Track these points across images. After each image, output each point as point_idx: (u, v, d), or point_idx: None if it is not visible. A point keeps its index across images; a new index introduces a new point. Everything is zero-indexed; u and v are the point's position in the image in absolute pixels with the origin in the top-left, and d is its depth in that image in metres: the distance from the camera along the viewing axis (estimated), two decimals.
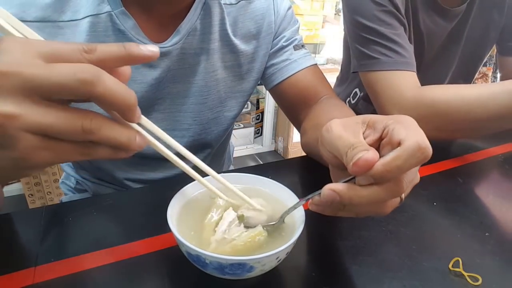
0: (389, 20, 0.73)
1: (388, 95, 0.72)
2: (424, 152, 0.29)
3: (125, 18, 0.51)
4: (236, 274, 0.33)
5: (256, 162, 2.46)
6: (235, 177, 0.45)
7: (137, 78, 0.54)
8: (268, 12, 0.63)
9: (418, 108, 0.68)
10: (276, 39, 0.66)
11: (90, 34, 0.49)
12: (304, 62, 0.66)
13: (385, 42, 0.72)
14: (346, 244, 0.44)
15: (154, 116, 0.60)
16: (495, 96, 0.62)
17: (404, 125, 0.31)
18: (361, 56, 0.75)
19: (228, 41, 0.60)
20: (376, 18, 0.72)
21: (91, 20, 0.49)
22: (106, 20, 0.50)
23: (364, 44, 0.74)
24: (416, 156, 0.28)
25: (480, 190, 0.59)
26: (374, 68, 0.73)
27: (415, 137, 0.29)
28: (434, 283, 0.39)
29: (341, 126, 0.33)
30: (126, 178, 0.66)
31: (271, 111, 2.46)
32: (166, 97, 0.59)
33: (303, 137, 0.64)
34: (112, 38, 0.51)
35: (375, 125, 0.33)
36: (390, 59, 0.72)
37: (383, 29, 0.72)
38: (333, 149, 0.33)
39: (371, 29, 0.73)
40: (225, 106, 0.65)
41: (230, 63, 0.62)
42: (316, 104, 0.66)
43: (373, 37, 0.73)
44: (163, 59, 0.55)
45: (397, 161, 0.28)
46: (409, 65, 0.72)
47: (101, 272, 0.39)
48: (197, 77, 0.59)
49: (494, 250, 0.45)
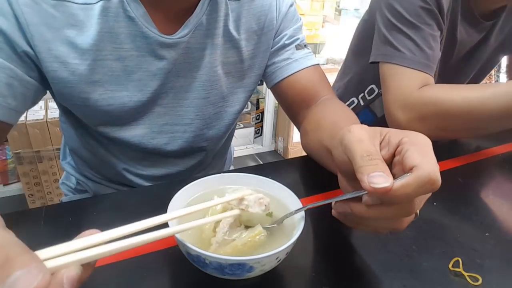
0: (429, 20, 0.72)
1: (396, 92, 0.72)
2: (434, 184, 0.30)
3: (136, 6, 0.51)
4: (236, 274, 0.33)
5: (256, 162, 2.46)
6: (235, 177, 0.45)
7: (142, 66, 0.55)
8: (270, 9, 0.63)
9: (420, 107, 0.68)
10: (277, 36, 0.66)
11: (101, 18, 0.50)
12: (305, 62, 0.66)
13: (417, 39, 0.71)
14: (346, 244, 0.44)
15: (157, 110, 0.60)
16: (496, 96, 0.62)
17: (418, 149, 0.32)
18: (386, 45, 0.74)
19: (230, 36, 0.60)
20: (418, 13, 0.71)
21: (103, 5, 0.50)
22: (118, 6, 0.50)
23: (395, 34, 0.73)
24: (425, 187, 0.30)
25: (480, 190, 0.59)
26: (395, 61, 0.72)
27: (427, 168, 0.30)
28: (434, 283, 0.39)
29: (363, 130, 0.34)
30: (128, 171, 0.66)
31: (271, 111, 2.46)
32: (169, 91, 0.59)
33: (304, 137, 0.64)
34: (122, 23, 0.51)
35: (390, 139, 0.34)
36: (414, 57, 0.71)
37: (422, 26, 0.71)
38: (349, 151, 0.33)
39: (408, 22, 0.71)
40: (227, 101, 0.65)
41: (232, 59, 0.62)
42: (316, 104, 0.66)
43: (407, 30, 0.71)
44: (169, 50, 0.55)
45: (406, 189, 0.29)
46: (429, 68, 0.71)
47: (101, 272, 0.39)
48: (200, 71, 0.60)
49: (494, 250, 0.45)
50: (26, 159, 1.62)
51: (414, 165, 0.30)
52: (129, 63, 0.54)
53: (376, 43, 0.78)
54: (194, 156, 0.69)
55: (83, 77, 0.52)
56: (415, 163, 0.30)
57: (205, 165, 0.74)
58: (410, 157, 0.31)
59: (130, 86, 0.55)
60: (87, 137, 0.64)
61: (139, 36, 0.53)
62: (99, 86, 0.54)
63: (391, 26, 0.73)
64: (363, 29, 0.92)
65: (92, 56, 0.52)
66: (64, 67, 0.51)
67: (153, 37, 0.53)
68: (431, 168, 0.30)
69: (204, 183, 0.43)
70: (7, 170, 1.83)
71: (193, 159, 0.70)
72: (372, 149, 0.32)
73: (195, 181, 0.42)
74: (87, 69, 0.52)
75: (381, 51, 0.75)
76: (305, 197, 0.52)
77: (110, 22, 0.51)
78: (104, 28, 0.51)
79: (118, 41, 0.52)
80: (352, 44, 1.00)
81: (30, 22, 0.47)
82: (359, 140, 0.33)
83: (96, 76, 0.53)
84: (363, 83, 0.96)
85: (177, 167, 0.68)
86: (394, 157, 0.34)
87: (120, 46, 0.53)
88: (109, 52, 0.52)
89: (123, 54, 0.53)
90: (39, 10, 0.47)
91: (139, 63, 0.55)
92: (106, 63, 0.53)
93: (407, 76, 0.71)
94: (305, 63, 0.66)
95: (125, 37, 0.52)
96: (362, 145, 0.32)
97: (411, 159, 0.31)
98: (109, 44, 0.52)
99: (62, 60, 0.51)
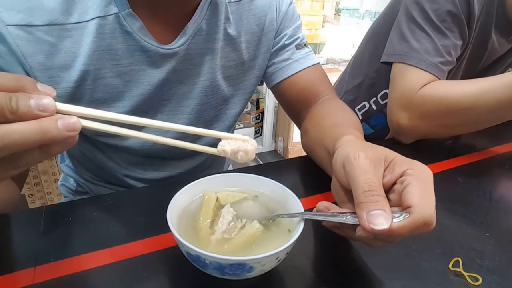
0: (453, 27, 0.70)
1: (399, 92, 0.71)
2: (428, 227, 0.31)
3: (132, 20, 0.50)
4: (236, 274, 0.33)
5: (256, 162, 2.46)
6: (235, 177, 0.45)
7: (143, 80, 0.54)
8: (270, 9, 0.63)
9: (421, 106, 0.68)
10: (278, 36, 0.65)
11: (97, 36, 0.49)
12: (305, 62, 0.66)
13: (438, 42, 0.69)
14: (346, 244, 0.44)
15: (159, 117, 0.59)
16: (494, 88, 0.62)
17: (419, 186, 0.32)
18: (403, 43, 0.72)
19: (231, 40, 0.60)
20: (444, 18, 0.69)
21: (98, 22, 0.49)
22: (114, 22, 0.49)
23: (416, 32, 0.71)
24: (420, 229, 0.31)
25: (480, 190, 0.59)
26: (409, 61, 0.71)
27: (425, 212, 0.31)
28: (434, 283, 0.39)
29: (368, 161, 0.34)
30: (128, 177, 0.66)
31: (271, 111, 2.46)
32: (171, 98, 0.59)
33: (304, 137, 0.64)
34: (119, 39, 0.50)
35: (395, 168, 0.34)
36: (429, 59, 0.69)
37: (446, 31, 0.69)
38: (352, 179, 0.34)
39: (433, 24, 0.70)
40: (228, 103, 0.65)
41: (233, 62, 0.62)
42: (317, 104, 0.66)
43: (430, 31, 0.70)
44: (169, 60, 0.54)
45: (402, 230, 0.30)
46: (441, 73, 0.70)
47: (101, 272, 0.39)
48: (201, 77, 0.59)
49: (494, 250, 0.45)
50: None
51: (413, 205, 0.31)
52: (129, 78, 0.53)
53: (392, 41, 0.76)
54: (194, 158, 0.69)
55: (84, 97, 0.52)
56: (414, 203, 0.31)
57: (205, 167, 0.74)
58: (410, 193, 0.32)
59: (132, 99, 0.55)
60: (86, 143, 0.63)
61: (138, 50, 0.52)
62: (100, 104, 0.53)
63: (414, 23, 0.71)
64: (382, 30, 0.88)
65: (92, 76, 0.51)
66: (65, 92, 0.50)
67: (153, 50, 0.52)
68: (428, 212, 0.31)
69: (204, 183, 0.43)
70: None
71: (194, 161, 0.69)
72: (375, 183, 0.32)
73: (195, 181, 0.42)
74: (88, 89, 0.52)
75: (396, 50, 0.74)
76: (305, 197, 0.52)
77: (107, 39, 0.50)
78: (101, 46, 0.50)
79: (117, 57, 0.51)
80: (366, 46, 0.98)
81: (26, 54, 0.46)
82: (363, 171, 0.33)
83: (97, 95, 0.53)
84: (375, 87, 0.94)
85: (178, 169, 0.68)
86: (395, 183, 0.34)
87: (120, 62, 0.52)
88: (108, 69, 0.52)
89: (123, 70, 0.53)
90: (33, 39, 0.46)
91: (140, 77, 0.54)
92: (107, 81, 0.52)
93: (414, 76, 0.70)
94: (305, 63, 0.66)
95: (123, 52, 0.51)
96: (366, 177, 0.33)
97: (411, 197, 0.32)
98: (108, 61, 0.51)
99: (63, 85, 0.50)
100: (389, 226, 0.30)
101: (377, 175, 0.34)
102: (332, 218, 0.35)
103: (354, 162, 0.34)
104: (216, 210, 0.40)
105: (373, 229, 0.30)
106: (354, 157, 0.35)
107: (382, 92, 0.93)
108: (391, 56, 0.75)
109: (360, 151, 0.35)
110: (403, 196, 0.32)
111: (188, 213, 0.40)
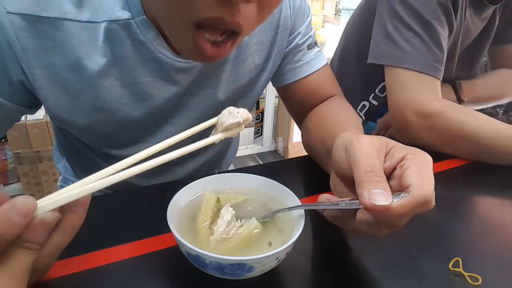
0: (442, 17, 0.67)
1: (410, 97, 0.68)
2: (428, 205, 0.31)
3: (146, 28, 0.45)
4: (236, 274, 0.33)
5: (256, 162, 2.46)
6: (235, 177, 0.45)
7: (153, 92, 0.51)
8: (284, 7, 0.59)
9: (435, 120, 0.66)
10: (291, 35, 0.62)
11: (106, 40, 0.45)
12: (316, 64, 0.64)
13: (427, 39, 0.67)
14: (346, 244, 0.44)
15: (166, 129, 0.57)
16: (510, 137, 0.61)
17: (418, 168, 0.32)
18: (391, 45, 0.69)
19: (246, 46, 0.56)
20: (434, 9, 0.66)
21: (108, 26, 0.44)
22: (125, 28, 0.45)
23: (404, 31, 0.67)
24: (419, 208, 0.31)
25: (480, 190, 0.59)
26: (403, 65, 0.68)
27: (424, 189, 0.31)
28: (434, 283, 0.39)
29: (371, 145, 0.35)
30: (129, 183, 0.65)
31: (271, 111, 2.46)
32: (181, 109, 0.56)
33: (306, 135, 0.63)
34: (130, 48, 0.46)
35: (394, 154, 0.35)
36: (423, 59, 0.67)
37: (435, 24, 0.66)
38: (354, 162, 0.34)
39: (422, 19, 0.66)
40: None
41: (247, 69, 0.58)
42: (321, 103, 0.65)
43: (418, 28, 0.66)
44: (184, 74, 0.51)
45: (402, 209, 0.30)
46: (438, 72, 0.69)
47: (101, 272, 0.39)
48: (214, 89, 0.56)
49: (494, 250, 0.45)
50: (26, 159, 1.62)
51: (412, 184, 0.31)
52: (138, 90, 0.50)
53: (376, 41, 0.73)
54: (196, 160, 0.69)
55: (86, 103, 0.48)
56: (412, 182, 0.31)
57: (207, 167, 0.74)
58: (409, 175, 0.32)
59: (139, 111, 0.52)
60: (86, 152, 0.61)
61: (150, 61, 0.48)
62: (104, 113, 0.50)
63: (400, 21, 0.68)
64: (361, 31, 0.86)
65: (96, 82, 0.47)
66: (65, 92, 0.47)
67: (168, 62, 0.49)
68: (427, 190, 0.31)
69: (204, 183, 0.43)
70: (7, 170, 1.83)
71: (196, 164, 0.69)
72: (377, 165, 0.33)
73: (195, 181, 0.42)
74: (91, 95, 0.48)
75: (385, 53, 0.71)
76: (305, 197, 0.52)
77: (116, 45, 0.46)
78: (109, 52, 0.46)
79: (126, 66, 0.47)
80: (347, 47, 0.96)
81: (26, 48, 0.42)
82: (366, 154, 0.33)
83: (100, 103, 0.49)
84: (369, 85, 0.92)
85: (180, 174, 0.67)
86: (395, 169, 0.34)
87: (129, 72, 0.48)
88: (115, 78, 0.48)
89: (132, 80, 0.49)
90: (37, 32, 0.42)
91: (149, 89, 0.50)
92: (112, 90, 0.48)
93: (419, 83, 0.68)
94: (316, 65, 0.64)
95: (134, 62, 0.47)
96: (368, 159, 0.33)
97: (410, 177, 0.32)
98: (116, 69, 0.47)
99: (62, 85, 0.46)
100: (389, 203, 0.30)
101: (379, 158, 0.34)
102: (332, 206, 0.35)
103: (356, 145, 0.34)
104: (216, 210, 0.40)
105: (373, 206, 0.30)
106: (357, 140, 0.35)
107: (379, 86, 0.91)
108: (381, 58, 0.72)
109: (363, 136, 0.35)
110: (402, 177, 0.32)
111: (188, 213, 0.40)
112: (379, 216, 0.31)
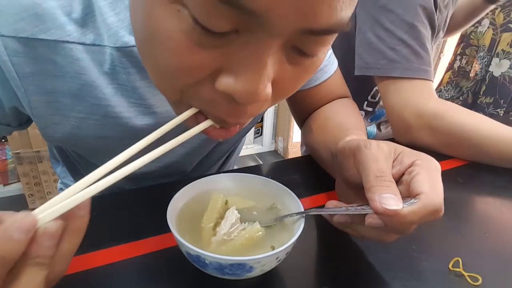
0: (424, 19, 0.67)
1: (407, 101, 0.68)
2: (437, 214, 0.31)
3: None
4: (236, 274, 0.33)
5: (256, 162, 2.46)
6: (235, 177, 0.45)
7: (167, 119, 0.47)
8: None
9: (434, 120, 0.66)
10: None
11: (111, 68, 0.40)
12: (329, 70, 0.62)
13: (413, 44, 0.66)
14: (346, 244, 0.44)
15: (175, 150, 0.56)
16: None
17: (428, 175, 0.32)
18: (378, 55, 0.68)
19: None
20: (417, 12, 0.65)
21: (112, 52, 0.40)
22: (133, 55, 0.40)
23: (388, 40, 0.66)
24: (429, 216, 0.31)
25: (480, 190, 0.59)
26: (393, 74, 0.67)
27: (433, 198, 0.31)
28: (434, 283, 0.39)
29: (380, 149, 0.35)
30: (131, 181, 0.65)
31: (271, 111, 2.46)
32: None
33: (308, 135, 0.63)
34: (137, 76, 0.42)
35: (403, 159, 0.35)
36: (412, 65, 0.66)
37: (419, 27, 0.65)
38: (363, 167, 0.34)
39: (406, 24, 0.65)
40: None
41: None
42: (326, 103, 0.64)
43: (403, 34, 0.66)
44: None
45: (413, 216, 0.30)
46: (429, 75, 0.68)
47: (101, 272, 0.39)
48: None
49: (494, 250, 0.45)
50: (26, 159, 1.62)
51: (422, 192, 0.31)
52: (151, 121, 0.45)
53: (360, 53, 0.72)
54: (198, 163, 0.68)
55: (90, 132, 0.45)
56: (423, 190, 0.31)
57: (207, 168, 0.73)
58: (419, 182, 0.32)
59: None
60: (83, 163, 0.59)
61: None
62: (110, 141, 0.46)
63: (382, 30, 0.68)
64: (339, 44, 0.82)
65: (102, 112, 0.43)
66: (66, 120, 0.43)
67: None
68: (438, 199, 0.31)
69: (204, 183, 0.43)
70: (7, 170, 1.83)
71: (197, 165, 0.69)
72: (386, 170, 0.33)
73: (195, 181, 0.42)
74: (95, 124, 0.44)
75: (371, 64, 0.70)
76: (305, 197, 0.52)
77: (120, 73, 0.41)
78: (115, 80, 0.41)
79: (136, 96, 0.43)
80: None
81: (22, 74, 0.38)
82: (375, 159, 0.33)
83: (106, 132, 0.45)
84: (360, 96, 0.91)
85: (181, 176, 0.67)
86: (403, 175, 0.34)
87: (140, 102, 0.44)
88: (125, 108, 0.43)
89: (143, 111, 0.44)
90: (34, 56, 0.37)
91: (163, 120, 0.44)
92: (121, 121, 0.44)
93: (413, 88, 0.67)
94: (329, 71, 0.61)
95: (144, 92, 0.43)
96: (377, 164, 0.33)
97: (420, 185, 0.31)
98: (124, 98, 0.43)
99: (64, 113, 0.42)
100: (400, 208, 0.30)
101: (388, 163, 0.34)
102: (341, 211, 0.35)
103: (365, 150, 0.34)
104: (222, 212, 0.40)
105: (385, 210, 0.30)
106: (365, 145, 0.35)
107: (371, 92, 0.90)
108: (368, 70, 0.71)
109: (371, 141, 0.35)
110: (412, 184, 0.32)
111: (188, 213, 0.40)
112: (389, 221, 0.31)
